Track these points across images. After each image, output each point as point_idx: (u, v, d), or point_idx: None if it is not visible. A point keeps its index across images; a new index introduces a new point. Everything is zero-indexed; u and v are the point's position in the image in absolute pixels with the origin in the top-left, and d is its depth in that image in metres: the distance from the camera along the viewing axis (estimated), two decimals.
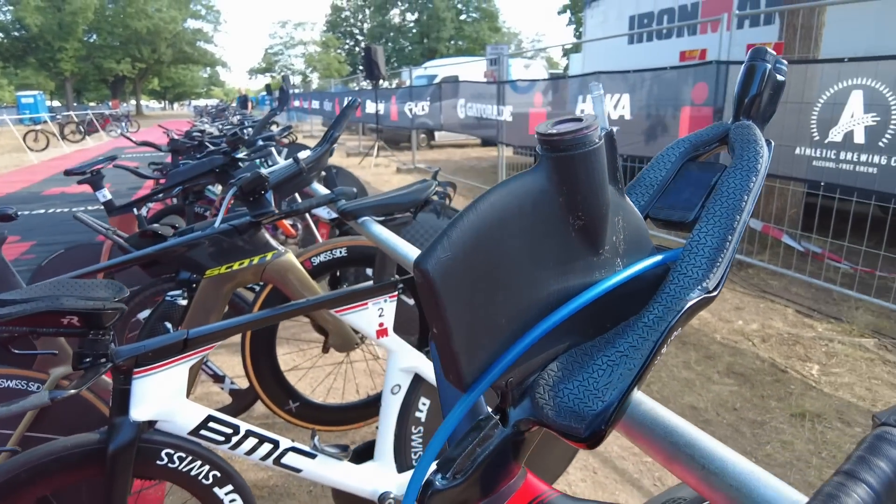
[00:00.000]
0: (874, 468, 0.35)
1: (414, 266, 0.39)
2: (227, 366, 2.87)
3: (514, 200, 0.41)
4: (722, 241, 0.48)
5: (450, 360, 0.42)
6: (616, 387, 0.44)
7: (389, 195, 1.40)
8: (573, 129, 0.42)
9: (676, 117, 5.08)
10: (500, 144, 7.77)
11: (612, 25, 10.19)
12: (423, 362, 1.50)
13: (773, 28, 5.65)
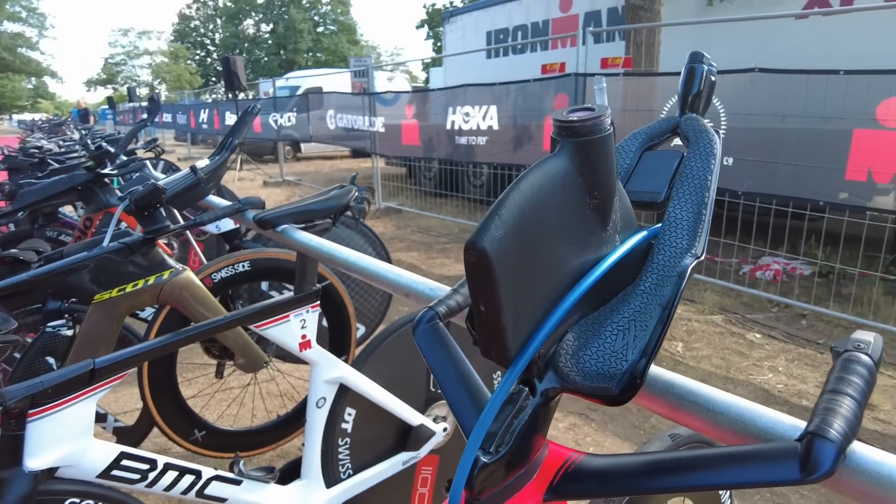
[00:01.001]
0: (851, 383, 0.43)
1: (469, 246, 0.40)
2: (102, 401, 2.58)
3: (549, 181, 0.44)
4: (698, 214, 0.55)
5: (496, 337, 0.44)
6: (635, 347, 0.48)
7: (308, 202, 1.36)
8: (592, 117, 0.46)
9: (540, 127, 5.43)
10: (373, 155, 7.77)
11: (471, 40, 10.66)
12: (347, 372, 1.48)
13: (621, 45, 6.27)
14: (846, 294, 4.17)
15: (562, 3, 8.87)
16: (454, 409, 0.57)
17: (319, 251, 1.12)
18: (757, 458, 0.41)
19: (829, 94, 3.58)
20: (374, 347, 1.55)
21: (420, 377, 1.65)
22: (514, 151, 5.79)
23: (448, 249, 5.84)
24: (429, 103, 6.67)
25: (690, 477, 0.42)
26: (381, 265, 0.95)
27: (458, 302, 0.71)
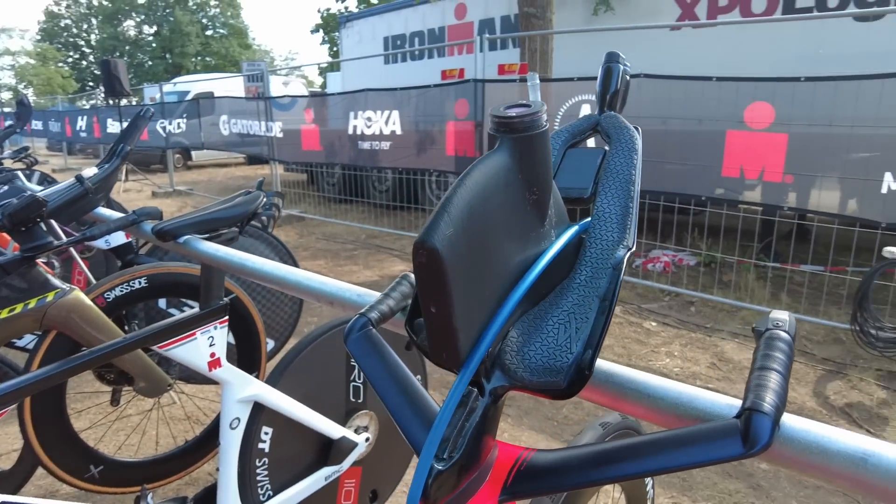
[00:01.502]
0: (776, 359, 0.47)
1: (418, 245, 0.38)
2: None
3: (492, 177, 0.43)
4: (625, 208, 0.57)
5: (447, 339, 0.42)
6: (579, 339, 0.49)
7: (211, 210, 1.27)
8: (530, 112, 0.46)
9: (443, 131, 5.50)
10: (272, 161, 7.51)
11: (368, 45, 10.60)
12: (262, 389, 1.40)
13: (516, 51, 6.48)
14: (727, 281, 4.56)
15: (457, 11, 9.04)
16: (397, 419, 0.55)
17: (229, 262, 1.05)
18: (701, 439, 0.42)
19: (704, 99, 3.90)
20: (289, 361, 1.48)
21: (339, 388, 1.60)
22: (418, 156, 5.81)
23: (356, 256, 5.75)
24: (330, 108, 6.54)
25: (641, 463, 0.43)
26: (300, 273, 0.91)
27: (391, 306, 0.69)
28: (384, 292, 0.71)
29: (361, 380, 1.64)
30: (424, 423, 0.52)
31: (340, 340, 1.59)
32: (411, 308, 0.58)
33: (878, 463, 0.41)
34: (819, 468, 0.43)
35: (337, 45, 17.38)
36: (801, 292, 4.25)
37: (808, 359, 3.40)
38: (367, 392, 1.65)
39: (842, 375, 3.19)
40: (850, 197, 3.59)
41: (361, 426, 1.63)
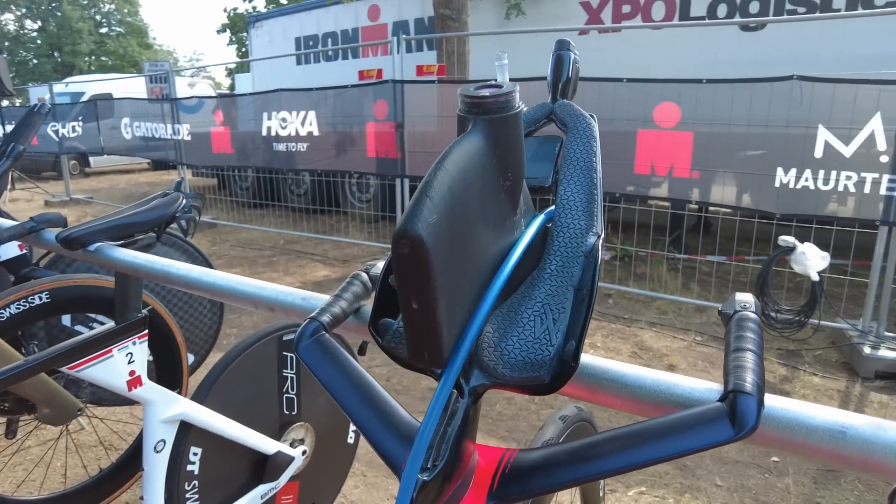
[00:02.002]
0: (749, 339, 0.47)
1: (400, 235, 0.35)
2: None
3: (469, 160, 0.41)
4: (590, 195, 0.55)
5: (430, 338, 0.39)
6: (558, 330, 0.47)
7: (126, 214, 1.15)
8: (504, 92, 0.43)
9: (363, 132, 5.41)
10: (179, 166, 7.10)
11: (279, 46, 10.30)
12: (188, 406, 1.30)
13: (433, 53, 6.50)
14: (641, 273, 4.78)
15: (370, 12, 8.97)
16: (365, 431, 0.50)
17: (150, 270, 0.96)
18: (690, 425, 0.41)
19: (616, 100, 4.07)
20: (217, 375, 1.38)
21: (271, 401, 1.51)
22: (337, 157, 5.69)
23: (275, 263, 5.54)
24: (241, 109, 6.27)
25: (632, 455, 0.42)
26: (234, 279, 0.84)
27: (344, 309, 0.64)
28: (335, 294, 0.66)
29: (295, 391, 1.56)
30: (397, 433, 0.49)
31: (270, 350, 1.51)
32: (375, 307, 0.54)
33: (856, 435, 0.42)
34: (800, 445, 0.43)
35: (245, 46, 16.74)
36: (710, 281, 4.53)
37: (718, 343, 3.62)
38: (301, 403, 1.58)
39: None
40: (749, 191, 3.87)
41: (297, 439, 1.56)
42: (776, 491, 2.16)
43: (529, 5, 7.09)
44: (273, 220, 7.13)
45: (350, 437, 1.78)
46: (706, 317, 4.05)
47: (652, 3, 6.57)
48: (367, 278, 0.69)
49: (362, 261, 5.51)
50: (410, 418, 0.51)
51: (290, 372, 1.55)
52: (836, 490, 2.18)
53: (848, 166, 3.33)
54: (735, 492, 2.14)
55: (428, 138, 5.11)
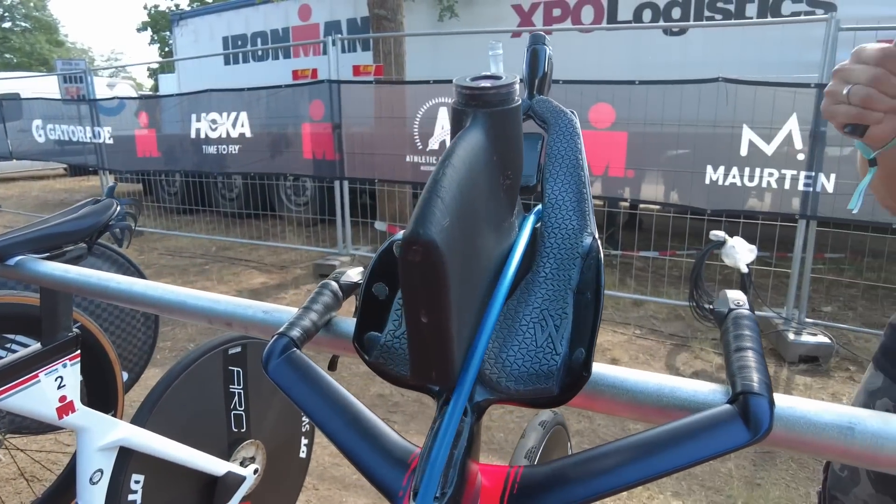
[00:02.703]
0: (748, 338, 0.46)
1: (412, 240, 0.31)
2: None
3: (475, 157, 0.37)
4: (579, 194, 0.53)
5: (440, 353, 0.36)
6: (561, 337, 0.44)
7: (52, 223, 1.04)
8: (505, 84, 0.40)
9: (298, 133, 5.27)
10: (101, 171, 6.68)
11: (206, 45, 9.90)
12: (128, 431, 1.20)
13: (367, 54, 6.41)
14: None
15: (301, 12, 8.78)
16: (350, 456, 0.46)
17: (84, 285, 0.86)
18: (703, 430, 0.40)
19: None
20: (159, 396, 1.28)
21: (219, 419, 1.42)
22: (271, 159, 5.51)
23: (207, 271, 5.30)
24: (168, 110, 5.96)
25: (648, 465, 0.39)
26: (185, 293, 0.76)
27: (315, 322, 0.59)
28: (304, 305, 0.61)
29: (243, 407, 1.48)
30: (389, 458, 0.45)
31: (215, 366, 1.42)
32: (359, 321, 0.49)
33: (864, 430, 0.42)
34: (810, 444, 0.43)
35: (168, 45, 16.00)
36: (645, 276, 4.69)
37: (657, 336, 3.75)
38: (250, 419, 1.49)
39: (686, 347, 3.55)
40: (681, 188, 4.02)
41: (247, 457, 1.47)
42: (720, 476, 2.24)
43: (462, 7, 7.12)
44: (203, 226, 6.83)
45: (302, 451, 1.71)
46: (643, 310, 4.19)
47: (581, 7, 6.74)
48: (337, 288, 0.64)
49: (301, 266, 5.36)
50: (402, 440, 0.47)
51: (238, 387, 1.46)
52: (773, 470, 2.29)
53: (770, 164, 3.52)
54: (683, 479, 2.21)
55: (367, 139, 5.03)
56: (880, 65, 0.68)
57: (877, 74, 0.68)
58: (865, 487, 0.88)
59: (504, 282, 0.43)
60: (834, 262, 4.94)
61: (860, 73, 0.69)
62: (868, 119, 0.70)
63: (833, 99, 0.72)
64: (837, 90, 0.71)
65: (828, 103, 0.73)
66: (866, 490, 0.88)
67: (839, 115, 0.72)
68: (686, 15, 6.07)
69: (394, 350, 0.47)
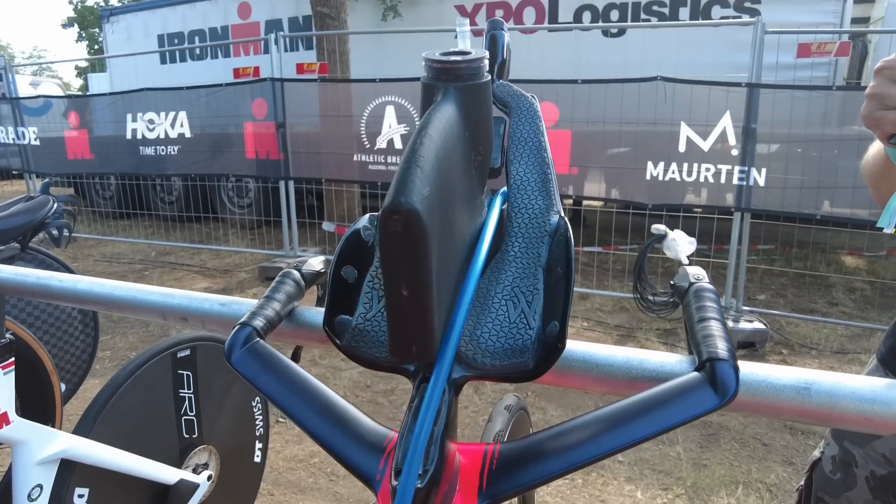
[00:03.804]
0: (710, 308, 0.48)
1: (392, 209, 0.31)
2: None
3: (449, 129, 0.37)
4: (544, 175, 0.54)
5: (420, 328, 0.35)
6: (534, 313, 0.45)
7: None
8: (478, 58, 0.40)
9: (240, 133, 5.13)
10: (26, 175, 6.30)
11: (140, 43, 9.51)
12: (70, 442, 1.13)
13: (310, 53, 6.30)
14: None
15: (240, 10, 8.56)
16: (324, 443, 0.45)
17: (21, 286, 0.81)
18: (674, 397, 0.41)
19: None
20: (104, 403, 1.22)
21: (169, 425, 1.37)
22: (212, 160, 5.34)
23: (148, 277, 5.09)
24: (101, 110, 5.68)
25: (623, 434, 0.40)
26: (135, 288, 0.73)
27: (277, 311, 0.58)
28: (265, 295, 0.60)
29: (194, 411, 1.42)
30: (363, 442, 0.44)
31: (163, 370, 1.36)
32: (329, 304, 0.49)
33: (819, 390, 0.44)
34: (770, 406, 0.45)
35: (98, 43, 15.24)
36: (591, 271, 4.81)
37: (604, 327, 3.85)
38: (202, 424, 1.44)
39: (632, 338, 3.67)
40: (623, 184, 4.15)
41: (200, 464, 1.42)
42: (670, 459, 2.32)
43: (406, 7, 7.12)
44: (142, 231, 6.55)
45: (256, 455, 1.66)
46: (589, 304, 4.29)
47: (523, 9, 6.86)
48: (299, 276, 0.63)
49: (246, 270, 5.22)
50: (375, 424, 0.46)
51: (188, 391, 1.41)
52: (718, 451, 2.39)
53: (707, 159, 3.68)
54: (635, 465, 2.28)
55: (313, 138, 4.95)
56: None
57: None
58: (862, 493, 0.83)
59: (478, 258, 0.43)
60: (765, 253, 5.21)
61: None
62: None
63: (880, 103, 0.60)
64: (887, 93, 0.59)
65: (873, 108, 0.61)
66: (863, 496, 0.83)
67: (887, 122, 0.60)
68: (623, 17, 6.27)
69: (365, 333, 0.47)
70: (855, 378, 0.44)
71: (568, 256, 0.46)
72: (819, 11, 5.12)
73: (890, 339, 0.83)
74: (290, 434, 2.49)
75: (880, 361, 0.85)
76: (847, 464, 0.85)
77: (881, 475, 0.81)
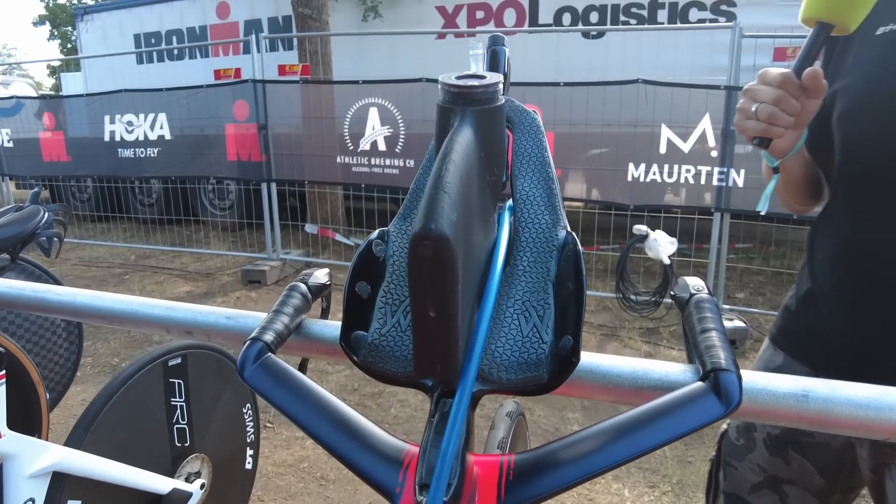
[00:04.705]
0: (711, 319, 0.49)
1: (423, 235, 0.32)
2: None
3: (469, 153, 0.38)
4: (549, 190, 0.56)
5: (446, 346, 0.37)
6: (546, 327, 0.46)
7: None
8: (493, 83, 0.42)
9: (221, 135, 5.08)
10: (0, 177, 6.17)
11: (116, 43, 9.36)
12: (62, 454, 1.12)
13: (291, 53, 6.26)
14: None
15: (219, 10, 8.47)
16: (342, 457, 0.46)
17: (15, 298, 0.80)
18: (682, 406, 0.43)
19: None
20: (95, 414, 1.21)
21: (161, 434, 1.36)
22: (193, 162, 5.28)
23: (128, 281, 5.01)
24: (78, 111, 5.58)
25: (635, 443, 0.42)
26: (137, 301, 0.73)
27: (287, 325, 0.59)
28: (273, 309, 0.60)
29: (186, 420, 1.42)
30: (382, 456, 0.45)
31: (155, 379, 1.36)
32: (345, 320, 0.49)
33: (817, 397, 0.46)
34: (772, 412, 0.47)
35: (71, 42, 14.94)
36: None
37: (587, 327, 3.90)
38: (194, 433, 1.44)
39: (615, 337, 3.72)
40: (605, 185, 4.20)
41: (193, 472, 1.42)
42: (656, 457, 2.37)
43: (386, 8, 7.11)
44: (120, 234, 6.45)
45: (248, 462, 1.66)
46: None
47: (504, 10, 6.89)
48: (306, 289, 0.64)
49: (228, 273, 5.17)
50: (391, 437, 0.47)
51: (179, 400, 1.40)
52: (702, 447, 2.44)
53: (687, 160, 3.75)
54: None
55: (295, 140, 4.93)
56: (781, 87, 0.77)
57: (779, 95, 0.77)
58: (761, 452, 0.97)
59: (494, 276, 0.44)
60: (744, 252, 5.31)
61: (765, 94, 0.78)
62: (772, 133, 0.80)
63: (744, 115, 0.81)
64: (747, 107, 0.81)
65: (739, 118, 0.82)
66: (761, 455, 0.97)
67: (749, 129, 0.81)
68: (603, 19, 6.33)
69: (381, 348, 0.48)
70: (850, 385, 0.47)
71: (578, 271, 0.47)
72: (794, 15, 5.19)
73: (779, 321, 0.98)
74: (278, 439, 2.49)
75: (771, 341, 0.99)
76: (748, 429, 0.99)
77: (775, 434, 0.95)
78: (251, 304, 4.33)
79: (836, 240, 0.86)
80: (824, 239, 0.89)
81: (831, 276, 0.87)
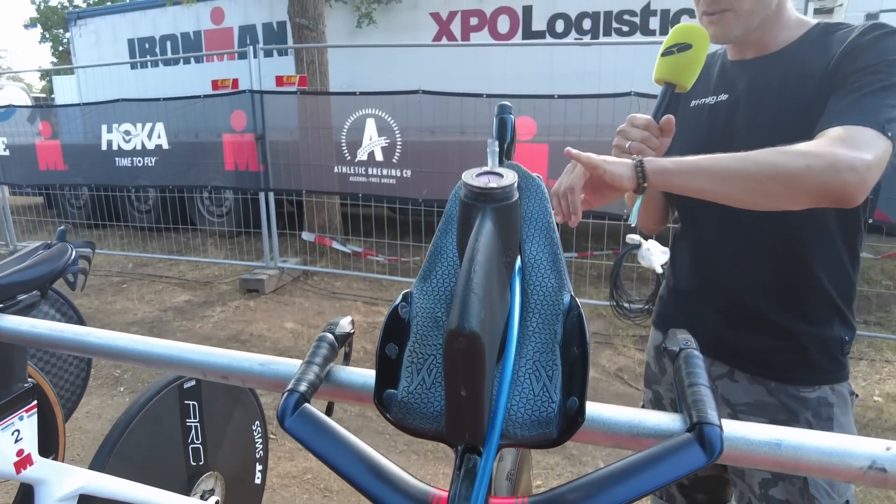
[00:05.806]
0: (699, 374, 0.56)
1: (457, 333, 0.38)
2: None
3: (491, 250, 0.45)
4: (554, 255, 0.62)
5: (474, 418, 0.43)
6: (554, 387, 0.53)
7: (5, 272, 1.01)
8: (510, 184, 0.48)
9: (219, 145, 5.13)
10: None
11: (109, 48, 9.38)
12: (87, 478, 1.18)
13: (286, 60, 6.30)
14: None
15: (213, 15, 8.50)
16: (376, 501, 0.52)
17: (47, 339, 0.86)
18: (671, 455, 0.50)
19: (477, 114, 4.28)
20: (117, 438, 1.27)
21: (177, 454, 1.42)
22: (190, 171, 5.32)
23: (126, 289, 5.05)
24: (75, 120, 5.61)
25: (632, 487, 0.49)
26: (175, 347, 0.79)
27: (318, 374, 0.65)
28: (306, 360, 0.67)
29: (200, 440, 1.48)
30: (409, 499, 0.51)
31: (171, 401, 1.42)
32: (377, 380, 0.56)
33: (788, 445, 0.53)
34: (749, 458, 0.54)
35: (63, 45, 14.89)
36: None
37: None
38: (207, 452, 1.50)
39: (609, 345, 3.80)
40: None
41: (207, 490, 1.48)
42: None
43: (381, 14, 7.17)
44: (117, 242, 6.48)
45: (257, 477, 1.72)
46: None
47: (497, 17, 6.97)
48: (333, 339, 0.70)
49: (226, 281, 5.21)
50: (417, 481, 0.54)
51: (194, 420, 1.46)
52: None
53: None
54: None
55: (293, 150, 4.98)
56: (646, 129, 1.00)
57: (644, 136, 0.99)
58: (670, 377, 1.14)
59: (511, 345, 0.51)
60: None
61: (635, 134, 1.00)
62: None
63: (619, 150, 1.01)
64: (622, 144, 1.01)
65: (616, 153, 1.01)
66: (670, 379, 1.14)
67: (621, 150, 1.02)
68: (596, 26, 6.42)
69: (410, 405, 0.54)
70: (818, 435, 0.54)
71: (582, 335, 0.54)
72: None
73: (657, 306, 1.25)
74: (282, 451, 2.54)
75: (653, 324, 1.25)
76: (658, 400, 1.22)
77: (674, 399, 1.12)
78: (250, 313, 4.38)
79: (686, 254, 1.16)
80: (680, 252, 1.19)
81: (686, 279, 1.17)
